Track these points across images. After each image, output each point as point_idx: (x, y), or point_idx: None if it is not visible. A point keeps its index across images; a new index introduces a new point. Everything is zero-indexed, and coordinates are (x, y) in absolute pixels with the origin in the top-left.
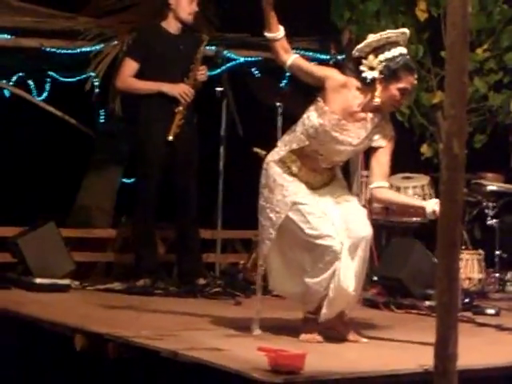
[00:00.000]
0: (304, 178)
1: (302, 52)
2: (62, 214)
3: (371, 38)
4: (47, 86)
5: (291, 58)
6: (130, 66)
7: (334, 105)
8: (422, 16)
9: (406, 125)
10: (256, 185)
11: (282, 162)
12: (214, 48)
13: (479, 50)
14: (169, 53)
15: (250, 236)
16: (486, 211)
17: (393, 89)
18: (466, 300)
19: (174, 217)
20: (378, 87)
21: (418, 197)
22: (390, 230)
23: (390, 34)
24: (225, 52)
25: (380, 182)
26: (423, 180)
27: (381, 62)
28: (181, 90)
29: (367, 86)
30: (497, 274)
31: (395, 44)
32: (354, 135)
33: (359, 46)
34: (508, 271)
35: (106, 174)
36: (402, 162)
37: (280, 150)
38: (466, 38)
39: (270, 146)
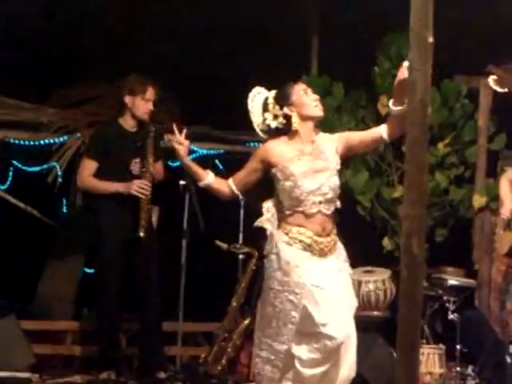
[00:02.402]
0: (313, 243)
1: (259, 145)
2: (22, 303)
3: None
4: (10, 175)
5: (230, 183)
6: (89, 166)
7: (285, 162)
8: (384, 110)
9: (368, 218)
10: (219, 277)
11: (289, 238)
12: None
13: (440, 145)
14: (126, 149)
15: (212, 329)
16: (447, 305)
17: (300, 106)
18: None
19: (137, 308)
20: (292, 117)
21: (378, 291)
22: None
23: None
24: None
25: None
26: (384, 274)
27: (275, 102)
28: (136, 187)
29: (286, 130)
30: (458, 369)
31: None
32: (315, 162)
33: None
34: (469, 365)
35: (67, 264)
36: (364, 255)
37: (284, 230)
38: (426, 138)
39: (232, 238)
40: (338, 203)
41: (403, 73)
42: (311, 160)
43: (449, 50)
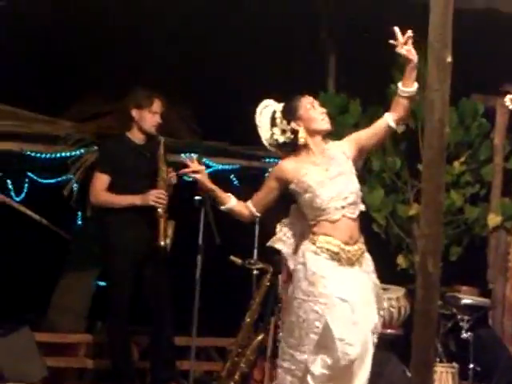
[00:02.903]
0: (341, 252)
1: (275, 160)
2: (36, 314)
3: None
4: (25, 187)
5: (249, 205)
6: (102, 180)
7: (300, 177)
8: (400, 129)
9: (383, 236)
10: (233, 292)
11: (316, 247)
12: (194, 155)
13: (456, 163)
14: (136, 162)
15: (225, 344)
16: (461, 324)
17: (307, 121)
18: None
19: (149, 321)
20: (299, 132)
21: (392, 309)
22: None
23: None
24: (204, 159)
25: None
26: (398, 292)
27: (282, 117)
28: (153, 197)
29: (294, 145)
30: None
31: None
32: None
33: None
34: None
35: (81, 277)
36: (378, 273)
37: (310, 240)
38: (443, 158)
39: (247, 254)
40: (362, 206)
41: (411, 52)
42: (325, 169)
43: (466, 68)
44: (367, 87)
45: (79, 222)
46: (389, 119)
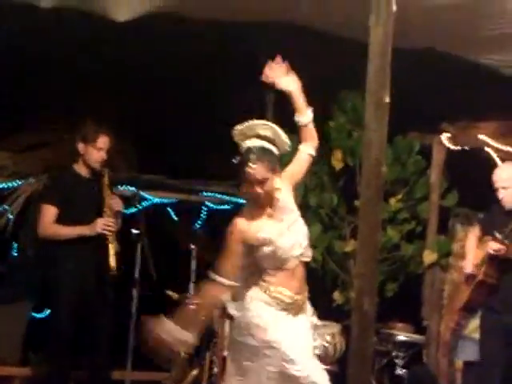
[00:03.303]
0: (292, 302)
1: (217, 195)
2: None
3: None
4: None
5: (224, 283)
6: (50, 212)
7: (260, 233)
8: (338, 165)
9: (319, 271)
10: None
11: (269, 297)
12: (131, 188)
13: (393, 200)
14: (83, 195)
15: (160, 379)
16: (396, 361)
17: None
18: None
19: (86, 355)
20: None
21: (328, 345)
22: None
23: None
24: (141, 193)
25: None
26: (334, 328)
27: None
28: (101, 225)
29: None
30: None
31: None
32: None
33: None
34: None
35: (16, 308)
36: (314, 309)
37: (261, 288)
38: (380, 197)
39: (183, 288)
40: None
41: (285, 84)
42: (280, 220)
43: (403, 106)
44: None
45: (14, 254)
46: (308, 150)
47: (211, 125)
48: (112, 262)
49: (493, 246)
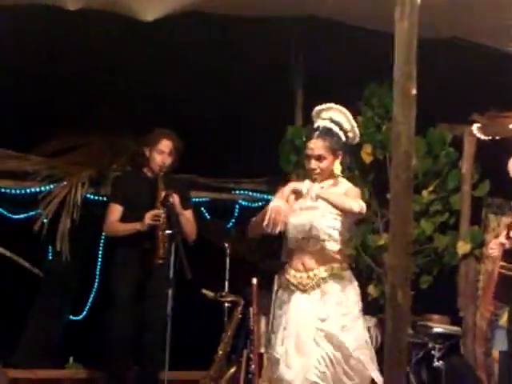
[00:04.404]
0: (292, 279)
1: (249, 193)
2: (8, 351)
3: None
4: None
5: None
6: (116, 211)
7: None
8: (368, 159)
9: (353, 265)
10: (205, 325)
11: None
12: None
13: (425, 193)
14: (145, 196)
15: (198, 378)
16: (433, 353)
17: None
18: None
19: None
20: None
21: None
22: None
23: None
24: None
25: None
26: (369, 322)
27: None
28: (149, 217)
29: None
30: None
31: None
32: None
33: None
34: None
35: (53, 312)
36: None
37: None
38: (410, 190)
39: (218, 287)
40: (332, 245)
41: None
42: (304, 199)
43: (433, 97)
44: None
45: (49, 258)
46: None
47: (242, 123)
48: (161, 250)
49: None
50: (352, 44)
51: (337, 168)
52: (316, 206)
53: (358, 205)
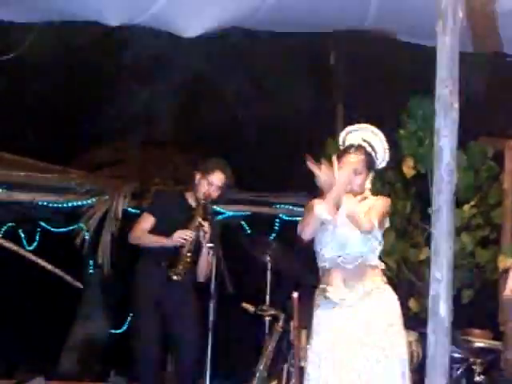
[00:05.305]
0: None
1: (290, 207)
2: (49, 364)
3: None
4: (37, 236)
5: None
6: (148, 220)
7: None
8: (409, 173)
9: (394, 280)
10: (245, 339)
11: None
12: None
13: (466, 207)
14: (181, 220)
15: None
16: (474, 367)
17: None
18: None
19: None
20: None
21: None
22: None
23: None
24: (214, 206)
25: None
26: (411, 336)
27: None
28: (178, 235)
29: None
30: None
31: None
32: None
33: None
34: None
35: (94, 325)
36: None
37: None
38: (452, 204)
39: (259, 301)
40: (370, 260)
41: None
42: (335, 218)
43: (474, 111)
44: None
45: (91, 271)
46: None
47: (283, 136)
48: (180, 266)
49: None
50: (392, 57)
51: (367, 188)
52: (348, 222)
53: (368, 225)
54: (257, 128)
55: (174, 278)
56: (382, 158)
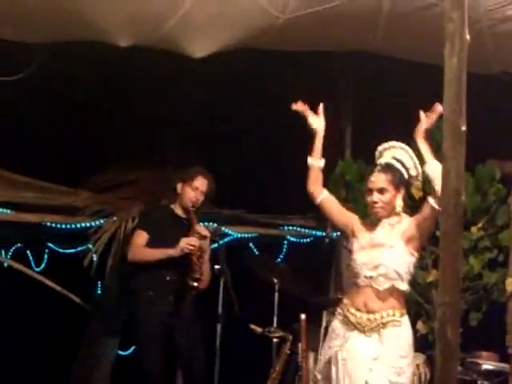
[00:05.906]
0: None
1: (298, 229)
2: None
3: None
4: (45, 257)
5: (322, 195)
6: (142, 237)
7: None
8: (417, 194)
9: None
10: (253, 361)
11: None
12: (212, 225)
13: (474, 229)
14: (172, 232)
15: None
16: None
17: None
18: None
19: None
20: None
21: (413, 376)
22: None
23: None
24: (222, 228)
25: None
26: (418, 359)
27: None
28: (184, 243)
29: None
30: None
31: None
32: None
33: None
34: None
35: (101, 346)
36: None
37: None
38: (460, 227)
39: (267, 322)
40: (401, 284)
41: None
42: (372, 235)
43: (482, 133)
44: None
45: (98, 292)
46: (432, 202)
47: (291, 158)
48: (197, 272)
49: None
50: (400, 79)
51: (399, 205)
52: (384, 243)
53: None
54: (264, 150)
55: (195, 284)
56: (416, 173)
